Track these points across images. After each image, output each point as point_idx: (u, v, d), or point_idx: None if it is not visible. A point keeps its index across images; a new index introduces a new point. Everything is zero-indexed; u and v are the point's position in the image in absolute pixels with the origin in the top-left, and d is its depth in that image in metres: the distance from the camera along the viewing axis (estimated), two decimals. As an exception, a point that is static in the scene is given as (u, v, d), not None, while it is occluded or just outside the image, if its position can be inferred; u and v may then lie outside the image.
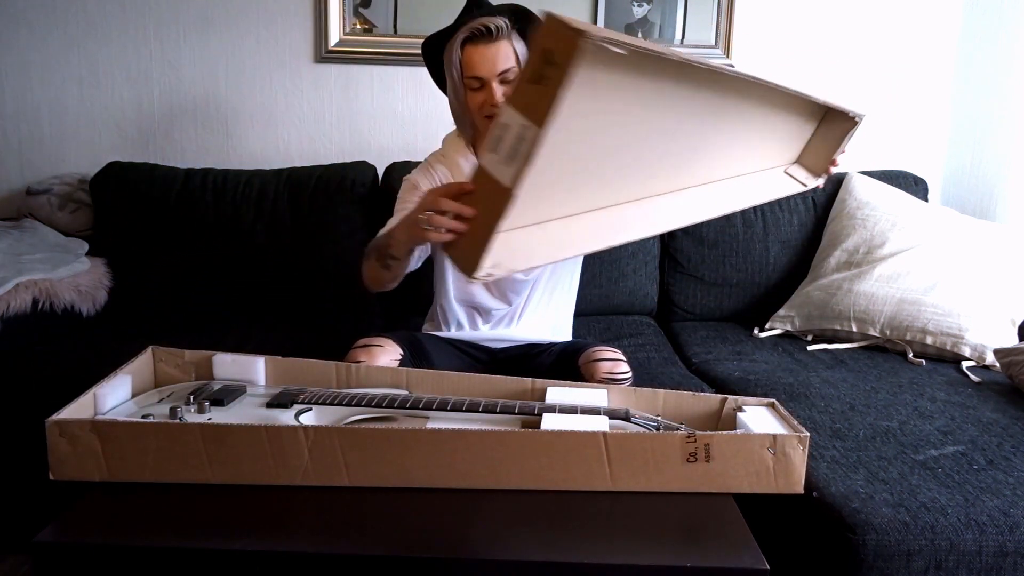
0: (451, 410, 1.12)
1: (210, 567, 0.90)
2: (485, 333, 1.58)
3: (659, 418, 1.10)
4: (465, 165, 1.51)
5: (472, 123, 1.47)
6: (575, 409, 1.10)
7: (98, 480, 1.02)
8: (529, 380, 1.23)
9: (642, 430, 1.05)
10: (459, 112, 1.47)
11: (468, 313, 1.57)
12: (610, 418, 1.08)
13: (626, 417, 1.08)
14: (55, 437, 1.01)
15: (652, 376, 1.63)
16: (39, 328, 1.79)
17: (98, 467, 1.02)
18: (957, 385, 1.57)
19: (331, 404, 1.13)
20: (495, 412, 1.11)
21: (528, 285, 1.57)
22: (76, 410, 1.07)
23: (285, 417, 1.10)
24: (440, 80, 1.51)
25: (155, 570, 0.91)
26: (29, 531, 0.92)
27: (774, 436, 1.00)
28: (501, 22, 1.36)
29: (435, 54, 1.47)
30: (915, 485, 1.14)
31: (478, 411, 1.11)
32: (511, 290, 1.56)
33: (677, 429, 1.05)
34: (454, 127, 1.55)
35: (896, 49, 2.31)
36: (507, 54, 1.38)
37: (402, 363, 1.38)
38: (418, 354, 1.45)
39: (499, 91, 1.38)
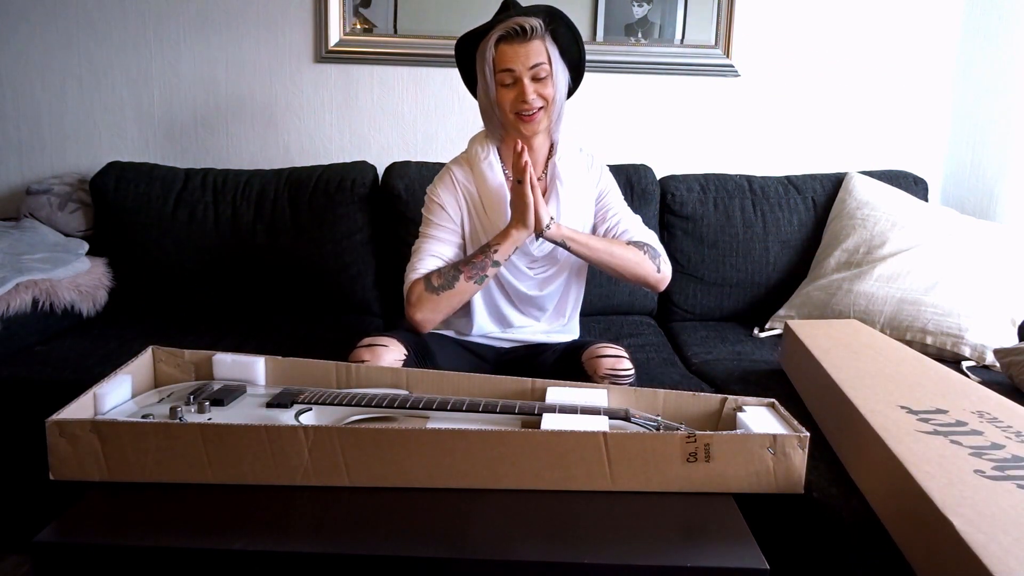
0: (451, 410, 1.12)
1: (210, 567, 0.90)
2: (498, 333, 1.59)
3: (659, 418, 1.10)
4: (489, 174, 1.51)
5: (502, 123, 1.47)
6: (575, 409, 1.10)
7: (98, 480, 1.02)
8: (529, 380, 1.23)
9: (642, 430, 1.05)
10: (489, 111, 1.47)
11: (494, 320, 1.58)
12: (610, 418, 1.08)
13: (626, 417, 1.08)
14: (55, 437, 1.01)
15: (652, 376, 1.64)
16: (39, 328, 1.79)
17: (98, 467, 1.02)
18: (957, 385, 1.56)
19: (331, 404, 1.13)
20: (495, 412, 1.11)
21: (554, 298, 1.60)
22: (76, 410, 1.07)
23: (285, 417, 1.10)
24: (469, 79, 1.52)
25: (155, 570, 0.90)
26: (29, 531, 0.92)
27: (774, 436, 1.00)
28: (536, 22, 1.39)
29: (466, 55, 1.49)
30: (915, 485, 1.14)
31: (478, 411, 1.11)
32: (539, 307, 1.59)
33: (677, 429, 1.05)
34: (471, 131, 1.56)
35: (896, 49, 2.31)
36: (539, 51, 1.40)
37: (406, 363, 1.38)
38: (423, 354, 1.45)
39: (530, 87, 1.40)
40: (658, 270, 1.52)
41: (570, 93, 1.52)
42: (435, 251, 1.49)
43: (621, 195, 1.64)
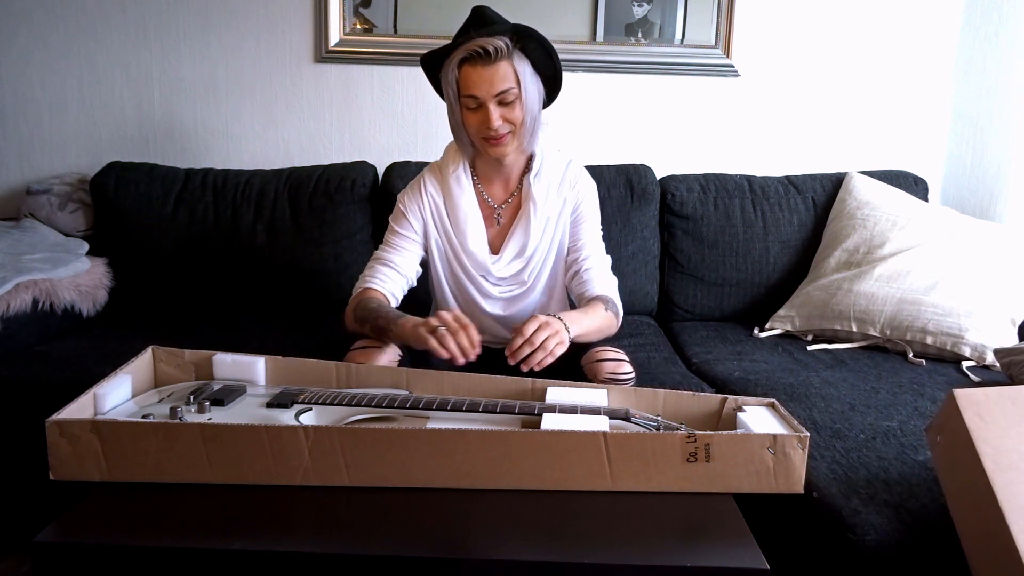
0: (451, 410, 1.12)
1: (210, 567, 0.90)
2: (489, 339, 1.56)
3: (659, 418, 1.10)
4: (456, 189, 1.48)
5: (469, 142, 1.44)
6: (575, 409, 1.10)
7: (98, 480, 1.02)
8: (529, 380, 1.23)
9: (642, 430, 1.05)
10: (456, 130, 1.44)
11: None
12: (610, 418, 1.08)
13: (626, 417, 1.08)
14: (55, 437, 1.01)
15: (652, 376, 1.63)
16: (39, 328, 1.79)
17: (98, 467, 1.02)
18: (957, 385, 1.56)
19: (331, 404, 1.13)
20: (495, 412, 1.11)
21: (522, 317, 1.53)
22: (76, 410, 1.07)
23: (285, 417, 1.10)
24: (441, 91, 1.46)
25: (155, 570, 0.90)
26: (29, 531, 0.92)
27: (774, 436, 1.00)
28: (500, 43, 1.31)
29: (436, 68, 1.42)
30: (915, 485, 1.14)
31: (478, 411, 1.12)
32: (507, 328, 1.54)
33: (677, 429, 1.05)
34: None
35: (896, 49, 2.31)
36: (505, 75, 1.33)
37: (401, 364, 1.38)
38: (417, 355, 1.45)
39: (496, 112, 1.34)
40: (617, 325, 1.48)
41: (548, 103, 1.46)
42: (390, 260, 1.49)
43: (598, 215, 1.55)
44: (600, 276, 1.50)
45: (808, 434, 1.02)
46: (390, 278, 1.48)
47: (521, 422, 1.11)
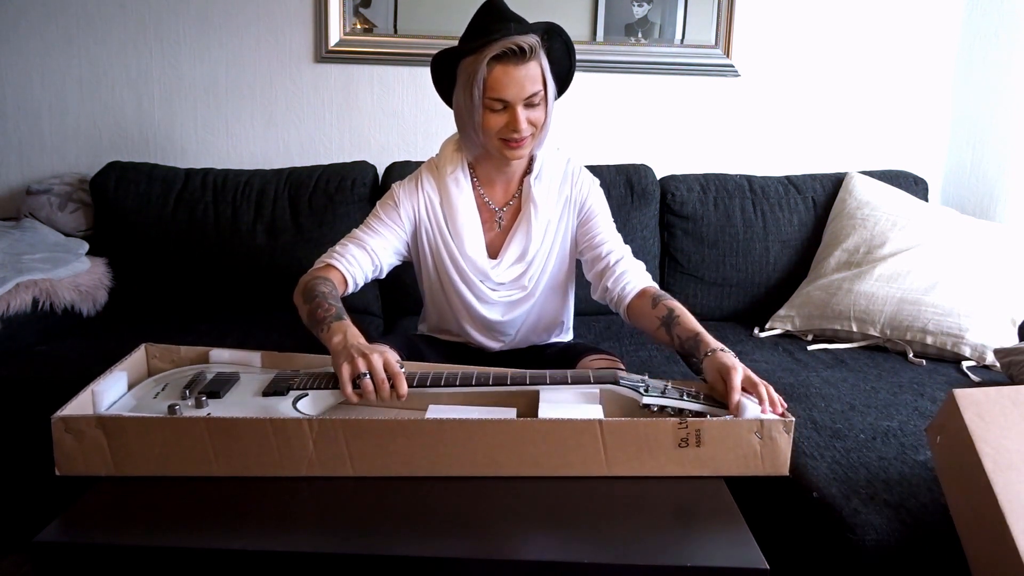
0: (445, 385, 1.13)
1: (215, 564, 0.90)
2: (482, 339, 1.54)
3: (645, 377, 1.14)
4: (454, 190, 1.42)
5: (482, 144, 1.36)
6: (565, 378, 1.14)
7: (104, 475, 1.02)
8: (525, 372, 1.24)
9: (630, 392, 1.10)
10: (469, 131, 1.35)
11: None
12: (600, 382, 1.13)
13: (614, 381, 1.12)
14: (60, 433, 1.01)
15: (655, 375, 1.63)
16: (39, 328, 1.79)
17: (104, 462, 1.02)
18: (957, 385, 1.56)
19: (326, 389, 1.13)
20: (488, 385, 1.14)
21: (517, 324, 1.51)
22: (75, 407, 1.07)
23: (283, 406, 1.10)
24: (444, 91, 1.40)
25: (159, 568, 0.90)
26: (30, 530, 0.92)
27: (761, 421, 1.03)
28: (534, 41, 1.26)
29: (445, 65, 1.37)
30: (915, 485, 1.14)
31: (471, 384, 1.13)
32: (502, 332, 1.52)
33: (665, 386, 1.11)
34: (455, 131, 1.45)
35: (896, 49, 2.32)
36: (535, 76, 1.28)
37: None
38: (415, 358, 1.44)
39: (523, 115, 1.29)
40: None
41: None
42: (365, 242, 1.41)
43: (607, 207, 1.49)
44: (633, 268, 1.42)
45: (793, 419, 1.04)
46: (357, 260, 1.40)
47: (514, 395, 1.15)
